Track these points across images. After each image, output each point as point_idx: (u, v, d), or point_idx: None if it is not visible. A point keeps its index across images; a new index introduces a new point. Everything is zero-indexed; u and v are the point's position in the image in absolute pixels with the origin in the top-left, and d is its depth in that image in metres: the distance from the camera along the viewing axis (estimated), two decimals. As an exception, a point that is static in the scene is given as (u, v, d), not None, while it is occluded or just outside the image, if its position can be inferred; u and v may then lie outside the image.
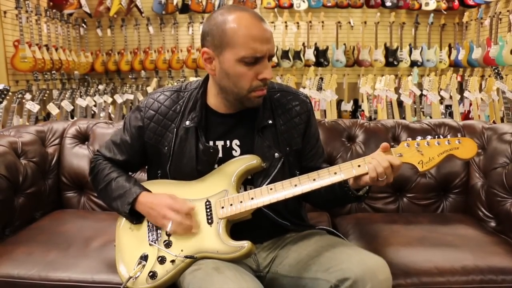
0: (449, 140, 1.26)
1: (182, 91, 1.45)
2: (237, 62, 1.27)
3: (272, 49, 1.30)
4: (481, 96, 4.61)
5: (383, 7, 5.97)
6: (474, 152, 1.25)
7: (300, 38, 6.12)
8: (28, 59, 4.43)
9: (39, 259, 1.51)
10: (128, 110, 5.08)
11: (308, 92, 4.85)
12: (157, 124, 1.42)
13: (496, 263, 1.49)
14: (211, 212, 1.33)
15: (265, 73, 1.29)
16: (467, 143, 1.26)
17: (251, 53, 1.26)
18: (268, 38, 1.28)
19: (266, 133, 1.40)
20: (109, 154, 1.49)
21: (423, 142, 1.27)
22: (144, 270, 1.31)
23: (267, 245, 1.44)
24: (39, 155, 2.00)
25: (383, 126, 2.13)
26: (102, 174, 1.46)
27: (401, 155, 1.27)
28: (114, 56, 6.01)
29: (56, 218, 1.91)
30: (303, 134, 1.47)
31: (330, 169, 1.29)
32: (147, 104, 1.45)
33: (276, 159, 1.39)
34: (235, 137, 1.41)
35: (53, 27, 5.15)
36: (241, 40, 1.25)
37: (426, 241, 1.64)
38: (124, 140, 1.48)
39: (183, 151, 1.39)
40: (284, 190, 1.29)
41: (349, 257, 1.25)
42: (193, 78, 5.58)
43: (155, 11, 5.97)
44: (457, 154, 1.25)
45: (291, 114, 1.45)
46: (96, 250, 1.58)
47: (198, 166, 1.38)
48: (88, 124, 2.16)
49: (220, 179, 1.36)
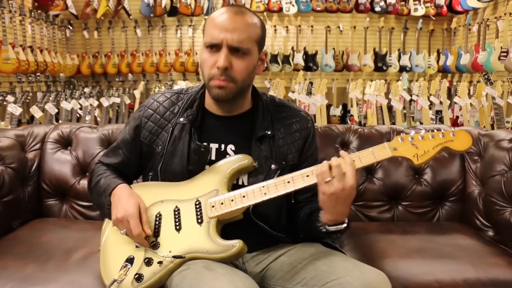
0: (443, 133, 1.23)
1: (182, 93, 1.46)
2: (204, 48, 1.32)
3: (232, 40, 1.26)
4: (470, 101, 4.60)
5: (372, 12, 5.97)
6: (469, 144, 1.23)
7: (289, 42, 6.09)
8: (11, 61, 4.32)
9: (15, 274, 1.40)
10: (115, 113, 4.99)
11: (298, 97, 4.81)
12: (154, 123, 1.42)
13: (498, 276, 1.44)
14: (201, 212, 1.29)
15: (218, 61, 1.27)
16: (461, 135, 1.23)
17: (209, 39, 1.29)
18: (228, 27, 1.27)
19: (264, 144, 1.38)
20: (106, 160, 1.50)
21: (417, 136, 1.24)
22: (129, 272, 1.26)
23: (257, 255, 1.39)
24: (17, 161, 1.89)
25: (378, 132, 2.08)
26: (95, 175, 1.47)
27: (395, 149, 1.23)
28: (101, 59, 5.92)
29: (35, 227, 1.81)
30: (301, 150, 1.43)
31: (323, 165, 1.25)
32: (147, 104, 1.46)
33: (273, 170, 1.36)
34: (230, 142, 1.39)
35: (38, 28, 5.03)
36: (207, 27, 1.32)
37: (424, 252, 1.59)
38: (124, 140, 1.48)
39: (175, 149, 1.37)
40: (276, 187, 1.25)
41: (348, 270, 1.20)
42: (181, 81, 5.50)
43: (143, 13, 5.89)
44: (452, 147, 1.23)
45: (290, 129, 1.43)
46: (77, 263, 1.48)
47: (189, 166, 1.36)
48: (71, 128, 2.07)
49: (211, 179, 1.33)
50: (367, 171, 2.01)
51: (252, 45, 1.30)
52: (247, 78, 1.33)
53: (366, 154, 1.24)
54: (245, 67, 1.30)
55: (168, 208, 1.33)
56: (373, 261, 1.51)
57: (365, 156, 1.24)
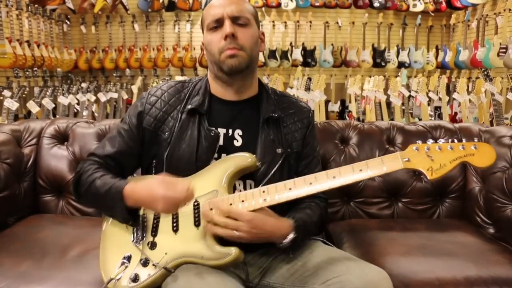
0: (464, 145, 1.12)
1: (187, 82, 1.46)
2: (207, 33, 1.36)
3: (231, 11, 1.32)
4: (469, 97, 4.59)
5: (371, 8, 5.94)
6: (493, 160, 1.10)
7: (288, 38, 6.06)
8: (8, 55, 4.29)
9: (10, 271, 1.38)
10: (112, 108, 4.96)
11: (296, 93, 4.78)
12: (159, 109, 1.39)
13: (499, 274, 1.42)
14: (199, 214, 1.26)
15: (224, 30, 1.30)
16: (484, 148, 1.11)
17: (210, 18, 1.33)
18: (225, 3, 1.33)
19: (271, 126, 1.39)
20: (100, 151, 1.39)
21: (434, 146, 1.13)
22: (126, 271, 1.24)
23: (258, 255, 1.36)
24: (13, 156, 1.86)
25: (378, 128, 2.06)
26: (85, 174, 1.35)
27: (409, 160, 1.15)
28: (99, 54, 5.88)
29: (31, 224, 1.78)
30: (303, 137, 1.45)
31: (328, 173, 1.22)
32: (150, 91, 1.44)
33: (278, 154, 1.36)
34: (238, 127, 1.38)
35: (35, 23, 4.99)
36: (205, 13, 1.37)
37: (425, 249, 1.57)
38: (124, 128, 1.41)
39: (183, 136, 1.35)
40: (277, 193, 1.21)
41: (349, 268, 1.19)
42: (179, 76, 5.48)
43: (141, 8, 5.85)
44: (472, 162, 1.11)
45: (293, 117, 1.45)
46: (73, 260, 1.46)
47: (198, 151, 1.33)
48: (67, 124, 2.04)
49: (211, 178, 1.30)
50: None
51: (250, 16, 1.36)
52: (254, 47, 1.35)
53: (375, 164, 1.16)
54: (250, 35, 1.33)
55: None
56: (374, 259, 1.49)
57: (374, 165, 1.16)
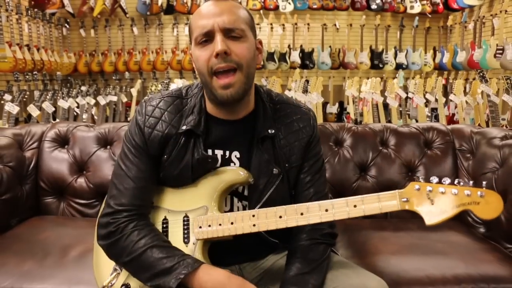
0: (470, 190, 1.00)
1: (184, 98, 1.29)
2: (195, 48, 1.18)
3: (223, 22, 1.13)
4: (466, 99, 4.63)
5: (369, 10, 5.99)
6: (499, 212, 0.99)
7: (286, 40, 6.11)
8: (8, 59, 4.33)
9: (13, 270, 1.43)
10: (112, 111, 4.99)
11: (294, 95, 4.82)
12: (161, 132, 1.24)
13: (487, 271, 1.46)
14: (188, 230, 1.23)
15: (215, 47, 1.13)
16: (491, 198, 0.99)
17: (199, 31, 1.15)
18: (215, 12, 1.14)
19: (265, 145, 1.26)
20: (125, 199, 1.22)
21: (437, 187, 1.03)
22: (118, 279, 1.23)
23: (253, 261, 1.35)
24: (15, 159, 1.91)
25: (371, 130, 2.10)
26: (128, 241, 1.19)
27: (407, 200, 1.06)
28: (98, 57, 5.93)
29: (33, 225, 1.83)
30: (305, 148, 1.30)
31: (321, 205, 1.13)
32: (146, 112, 1.26)
33: (274, 175, 1.25)
34: (235, 149, 1.27)
35: (35, 27, 5.04)
36: (193, 24, 1.19)
37: (416, 248, 1.61)
38: (129, 162, 1.25)
39: (178, 159, 1.24)
40: (267, 219, 1.16)
41: (348, 278, 1.18)
42: (178, 80, 5.51)
43: (140, 11, 5.90)
44: (475, 211, 1.00)
45: (291, 128, 1.29)
46: (74, 260, 1.51)
47: (193, 175, 1.24)
48: (68, 127, 2.08)
49: (202, 192, 1.24)
50: (361, 168, 2.03)
51: (245, 26, 1.17)
52: (251, 62, 1.18)
53: (371, 201, 1.09)
54: (246, 48, 1.16)
55: (157, 216, 1.26)
56: (365, 258, 1.53)
57: (370, 203, 1.09)
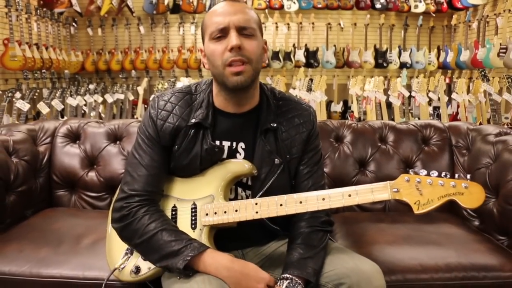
0: (455, 181, 1.13)
1: (193, 94, 1.40)
2: (209, 42, 1.29)
3: (238, 21, 1.26)
4: (468, 98, 4.67)
5: (373, 9, 6.01)
6: (480, 202, 1.10)
7: (291, 39, 6.15)
8: (18, 58, 4.41)
9: (31, 256, 1.53)
10: (119, 109, 5.08)
11: (298, 93, 4.89)
12: (172, 124, 1.35)
13: (478, 260, 1.53)
14: (196, 217, 1.33)
15: (230, 41, 1.25)
16: (474, 189, 1.11)
17: (214, 26, 1.27)
18: (230, 11, 1.27)
19: (268, 137, 1.36)
20: (138, 185, 1.33)
21: (425, 179, 1.16)
22: (129, 262, 1.34)
23: (255, 247, 1.44)
24: (30, 154, 2.01)
25: (371, 127, 2.17)
26: (140, 223, 1.29)
27: (398, 190, 1.18)
28: (105, 56, 5.99)
29: (47, 216, 1.92)
30: (305, 142, 1.40)
31: (318, 195, 1.25)
32: (158, 105, 1.37)
33: (276, 165, 1.35)
34: (241, 140, 1.38)
35: (44, 26, 5.12)
36: (208, 20, 1.31)
37: (411, 239, 1.68)
38: (143, 151, 1.36)
39: (187, 150, 1.35)
40: (268, 208, 1.26)
41: (343, 262, 1.26)
42: (184, 78, 5.59)
43: (146, 11, 5.96)
44: (460, 201, 1.12)
45: (293, 122, 1.40)
46: (87, 247, 1.60)
47: (202, 165, 1.35)
48: (79, 123, 2.18)
49: (209, 182, 1.35)
50: (360, 164, 2.11)
51: (256, 26, 1.30)
52: (259, 59, 1.31)
53: (364, 191, 1.21)
54: (256, 46, 1.28)
55: (167, 204, 1.37)
56: (362, 247, 1.60)
57: (363, 193, 1.21)
